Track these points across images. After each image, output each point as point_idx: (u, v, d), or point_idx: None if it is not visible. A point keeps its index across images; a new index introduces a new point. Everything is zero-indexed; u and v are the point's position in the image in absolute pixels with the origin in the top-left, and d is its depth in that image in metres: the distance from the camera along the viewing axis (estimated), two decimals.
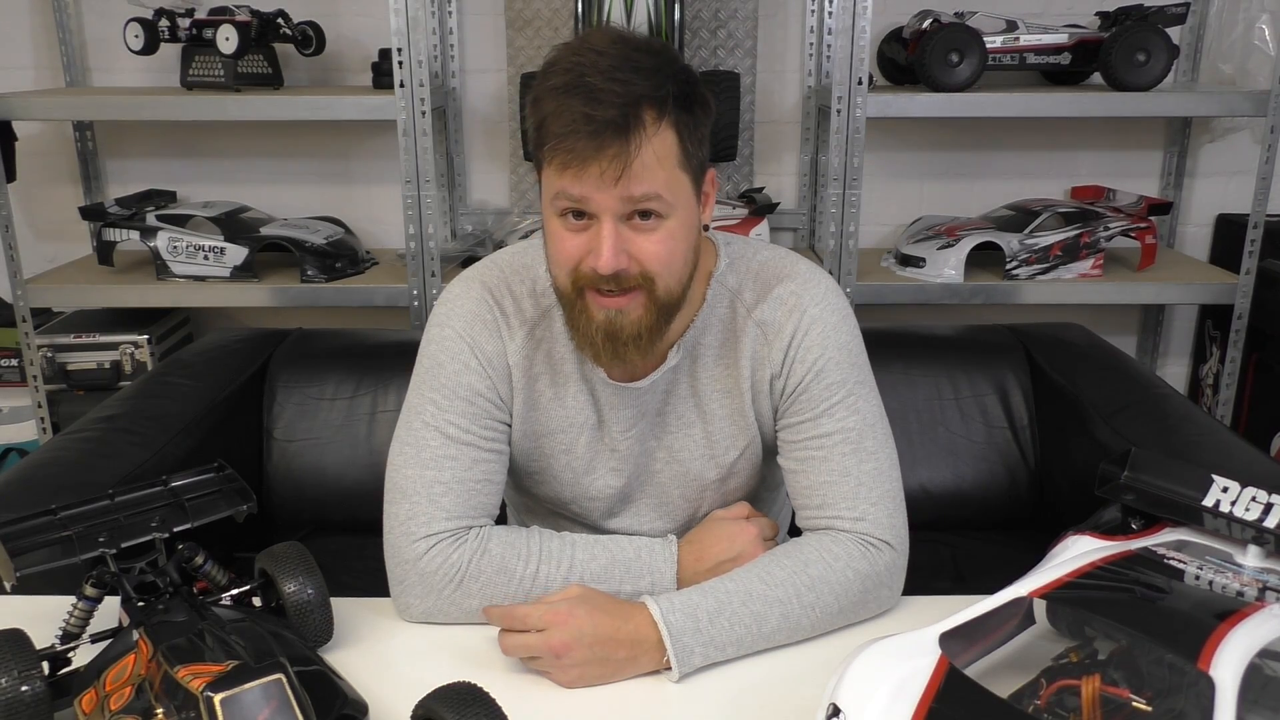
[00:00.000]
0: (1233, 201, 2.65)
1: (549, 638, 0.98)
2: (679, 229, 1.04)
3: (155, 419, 1.65)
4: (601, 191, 0.99)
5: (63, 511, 0.96)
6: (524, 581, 1.08)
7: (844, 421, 1.13)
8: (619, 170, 0.97)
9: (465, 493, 1.11)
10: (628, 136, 0.97)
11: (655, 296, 1.05)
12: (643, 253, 1.03)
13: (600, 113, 0.96)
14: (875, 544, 1.10)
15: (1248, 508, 1.01)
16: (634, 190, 0.99)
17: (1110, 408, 1.70)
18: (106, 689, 0.85)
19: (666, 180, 1.01)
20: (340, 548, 1.46)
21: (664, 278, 1.05)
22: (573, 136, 0.97)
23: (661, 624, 1.00)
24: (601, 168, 0.97)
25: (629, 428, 1.19)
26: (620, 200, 0.99)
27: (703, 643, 1.00)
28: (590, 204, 1.00)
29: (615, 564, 1.09)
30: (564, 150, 0.98)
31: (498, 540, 1.10)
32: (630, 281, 1.03)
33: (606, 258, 1.01)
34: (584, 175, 0.98)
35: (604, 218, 1.01)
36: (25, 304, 2.34)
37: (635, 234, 1.02)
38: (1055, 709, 0.81)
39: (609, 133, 0.96)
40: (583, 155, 0.97)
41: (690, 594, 1.04)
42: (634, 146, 0.97)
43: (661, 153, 1.00)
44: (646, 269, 1.03)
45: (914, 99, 2.24)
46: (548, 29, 2.53)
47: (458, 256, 2.41)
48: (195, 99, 2.30)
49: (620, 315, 1.05)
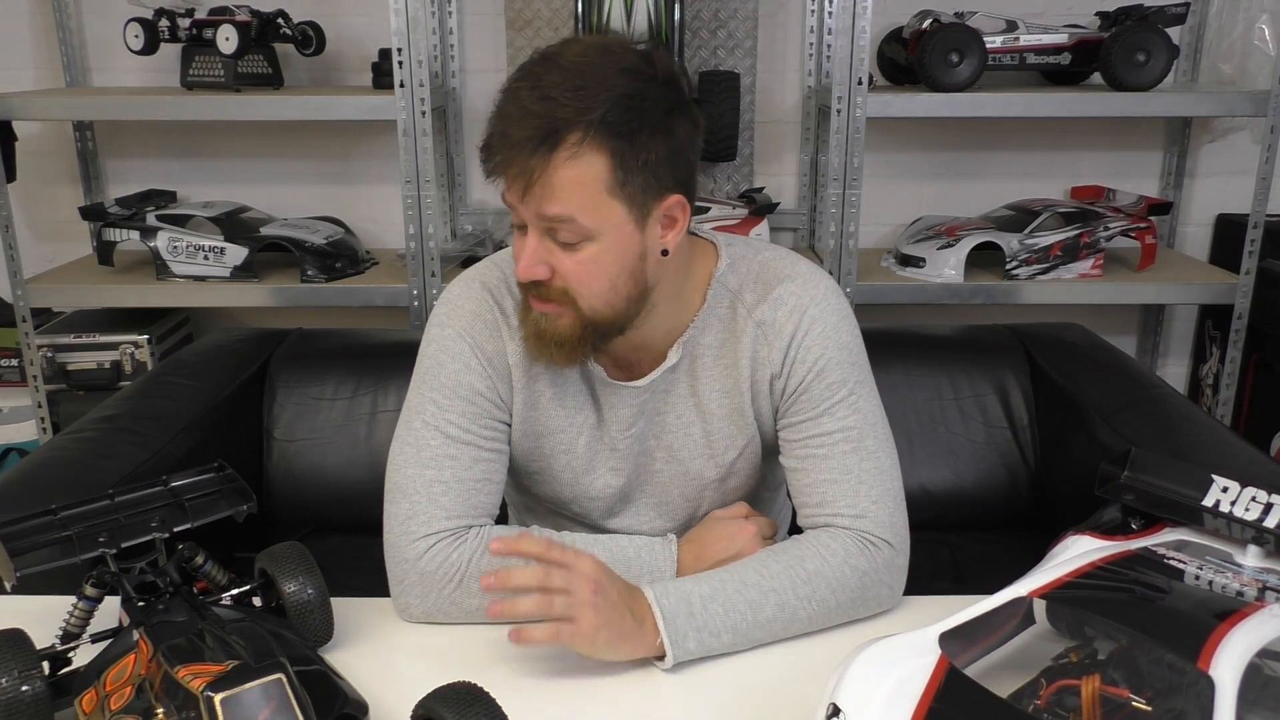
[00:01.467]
0: (1233, 201, 2.65)
1: (585, 571, 0.98)
2: (605, 254, 1.03)
3: (155, 419, 1.65)
4: (521, 205, 1.02)
5: (63, 511, 0.96)
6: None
7: (845, 420, 1.13)
8: (522, 187, 1.00)
9: (465, 492, 1.11)
10: (532, 157, 0.98)
11: (580, 313, 1.06)
12: (562, 268, 1.04)
13: (515, 131, 0.98)
14: (875, 542, 1.10)
15: (1248, 508, 1.01)
16: (544, 209, 1.01)
17: (1110, 408, 1.70)
18: (107, 689, 0.85)
19: (585, 204, 1.00)
20: (340, 548, 1.46)
21: (586, 298, 1.05)
22: (492, 148, 1.01)
23: (655, 607, 1.00)
24: (509, 183, 1.01)
25: (628, 427, 1.19)
26: (534, 215, 1.02)
27: (696, 627, 1.00)
28: (518, 214, 1.04)
29: (615, 562, 1.09)
30: (487, 159, 1.02)
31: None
32: (550, 293, 1.06)
33: (521, 266, 1.04)
34: (503, 185, 1.02)
35: (530, 228, 1.03)
36: (25, 304, 2.34)
37: (558, 249, 1.04)
38: (1055, 709, 0.81)
39: (518, 150, 0.99)
40: (497, 167, 1.01)
41: (684, 581, 1.04)
42: (537, 168, 0.98)
43: (581, 179, 0.99)
44: (566, 286, 1.05)
45: (914, 99, 2.24)
46: (548, 29, 2.53)
47: (458, 256, 2.42)
48: (195, 99, 2.30)
49: (545, 319, 1.08)
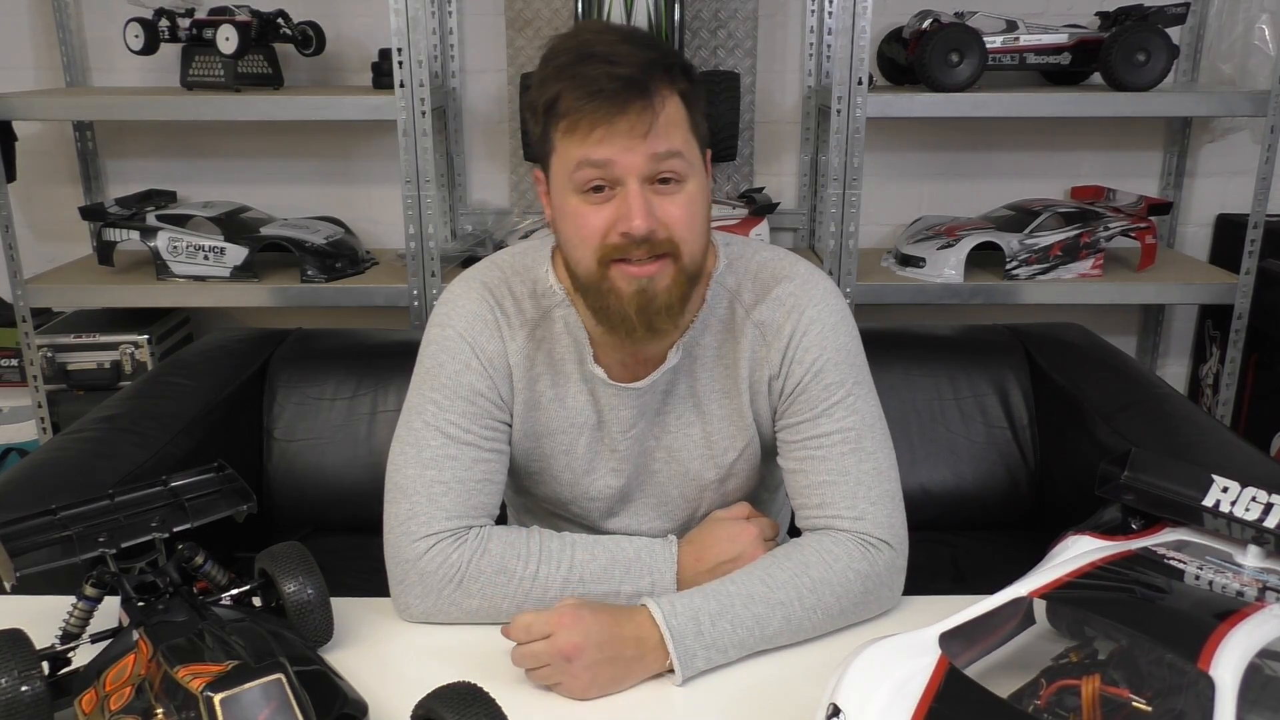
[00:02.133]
0: (1233, 201, 2.65)
1: (556, 641, 0.97)
2: (697, 193, 1.06)
3: (155, 419, 1.65)
4: (629, 152, 1.00)
5: (63, 511, 0.96)
6: (524, 582, 1.08)
7: (843, 421, 1.13)
8: (647, 124, 1.00)
9: (465, 492, 1.11)
10: (649, 91, 1.00)
11: (681, 265, 1.06)
12: (669, 216, 1.04)
13: (622, 71, 0.99)
14: (874, 543, 1.10)
15: (1248, 508, 1.01)
16: (659, 146, 1.01)
17: (1110, 408, 1.70)
18: (106, 689, 0.85)
19: (684, 140, 1.04)
20: (340, 548, 1.46)
21: (689, 243, 1.06)
22: (598, 97, 0.99)
23: (664, 627, 0.99)
24: (630, 122, 1.00)
25: (629, 428, 1.19)
26: (647, 159, 1.01)
27: (705, 645, 1.00)
28: (615, 168, 1.01)
29: (615, 564, 1.09)
30: (590, 112, 1.00)
31: (498, 540, 1.10)
32: (660, 247, 1.04)
33: (639, 219, 1.02)
34: (611, 134, 1.00)
35: (629, 181, 1.02)
36: (25, 304, 2.34)
37: (659, 198, 1.03)
38: (1055, 709, 0.81)
39: (634, 89, 0.99)
40: (610, 113, 0.99)
41: (692, 596, 1.03)
42: (657, 101, 1.00)
43: (675, 116, 1.03)
44: (673, 233, 1.04)
45: (914, 99, 2.24)
46: (548, 29, 2.53)
47: (458, 256, 2.41)
48: (195, 99, 2.30)
49: (651, 283, 1.05)
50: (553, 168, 1.07)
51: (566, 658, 0.97)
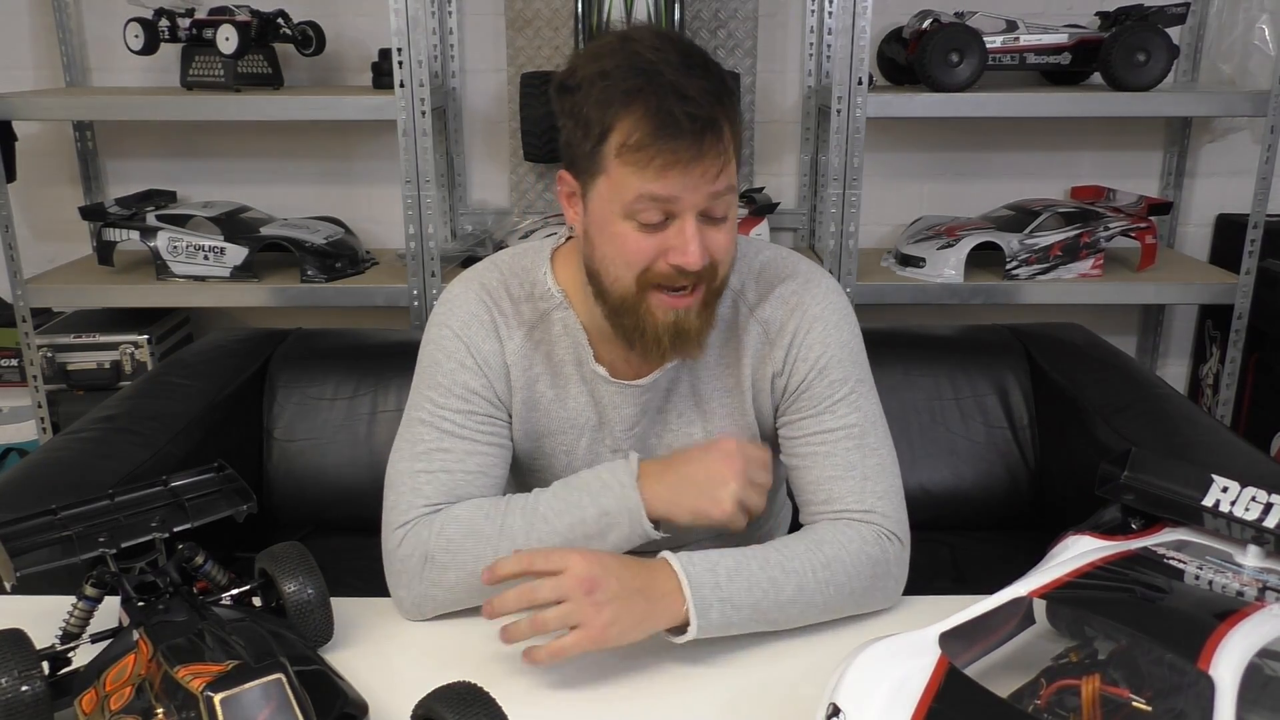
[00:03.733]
0: (1233, 201, 2.65)
1: (576, 572, 0.95)
2: (735, 221, 1.08)
3: (155, 419, 1.65)
4: (695, 191, 1.00)
5: (63, 511, 0.96)
6: (491, 539, 1.06)
7: (846, 418, 1.13)
8: (719, 166, 1.00)
9: (453, 482, 1.11)
10: (721, 131, 0.99)
11: (712, 288, 1.07)
12: (714, 245, 1.04)
13: (699, 112, 0.97)
14: (887, 535, 1.10)
15: (1248, 508, 1.01)
16: (721, 185, 1.01)
17: (1110, 408, 1.70)
18: (106, 689, 0.85)
19: (733, 172, 1.04)
20: (340, 548, 1.46)
21: (725, 265, 1.07)
22: (677, 139, 0.97)
23: (681, 573, 0.99)
24: (705, 166, 0.99)
25: (631, 426, 1.19)
26: (708, 196, 1.01)
27: (720, 599, 0.99)
28: (678, 204, 1.01)
29: (572, 489, 1.08)
30: (667, 152, 0.97)
31: (465, 508, 1.09)
32: (702, 277, 1.05)
33: (695, 256, 1.02)
34: (687, 175, 0.99)
35: (687, 216, 1.01)
36: (25, 304, 2.34)
37: (708, 229, 1.04)
38: (1055, 709, 0.81)
39: (710, 131, 0.98)
40: (687, 157, 0.98)
41: (709, 552, 1.03)
42: (726, 139, 1.00)
43: (731, 146, 1.03)
44: (715, 260, 1.05)
45: (914, 99, 2.24)
46: (548, 29, 2.53)
47: (458, 256, 2.41)
48: (195, 99, 2.30)
49: (686, 315, 1.07)
50: (599, 186, 1.04)
51: (586, 590, 0.94)
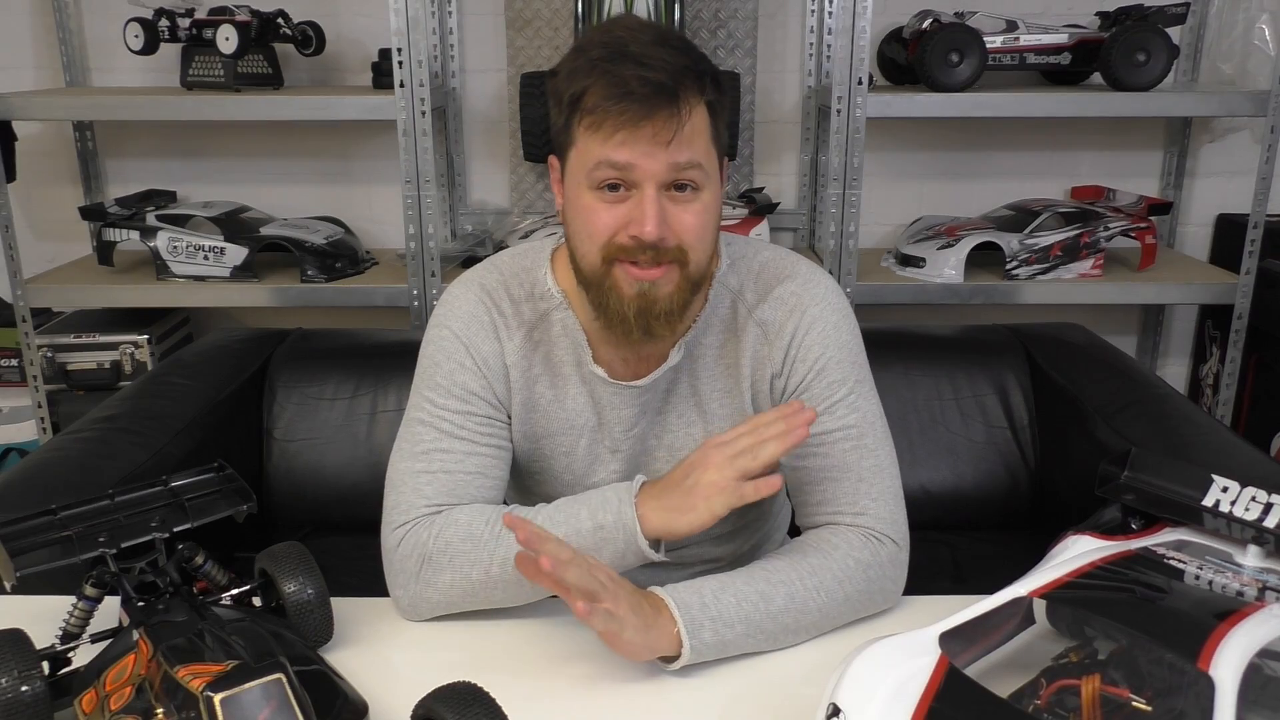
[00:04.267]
0: (1233, 201, 2.65)
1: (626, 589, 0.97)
2: (711, 203, 1.06)
3: (155, 419, 1.65)
4: (650, 157, 1.00)
5: (63, 511, 0.96)
6: (488, 544, 1.05)
7: (844, 419, 1.13)
8: (671, 132, 0.99)
9: (453, 483, 1.11)
10: (678, 100, 0.99)
11: (687, 272, 1.06)
12: (680, 224, 1.04)
13: (653, 75, 0.98)
14: (877, 537, 1.10)
15: (1247, 508, 1.01)
16: (681, 156, 1.01)
17: (1110, 408, 1.70)
18: (106, 689, 0.85)
19: (705, 151, 1.04)
20: (340, 548, 1.46)
21: (697, 251, 1.06)
22: (626, 99, 0.98)
23: (668, 599, 0.99)
24: (655, 129, 0.99)
25: (630, 427, 1.19)
26: (667, 167, 1.01)
27: (711, 617, 0.99)
28: (634, 172, 1.01)
29: (573, 503, 1.08)
30: (615, 113, 0.99)
31: (465, 512, 1.09)
32: (667, 254, 1.04)
33: (651, 225, 1.02)
34: (635, 138, 0.99)
35: (646, 186, 1.02)
36: (25, 304, 2.34)
37: (673, 205, 1.04)
38: (1055, 709, 0.81)
39: (662, 96, 0.99)
40: (636, 118, 0.99)
41: (691, 580, 1.03)
42: (684, 111, 1.00)
43: (700, 126, 1.03)
44: (683, 241, 1.05)
45: (914, 99, 2.24)
46: (548, 29, 2.53)
47: (458, 256, 2.42)
48: (195, 99, 2.30)
49: (653, 288, 1.06)
50: (570, 160, 1.07)
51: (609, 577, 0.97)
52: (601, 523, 1.05)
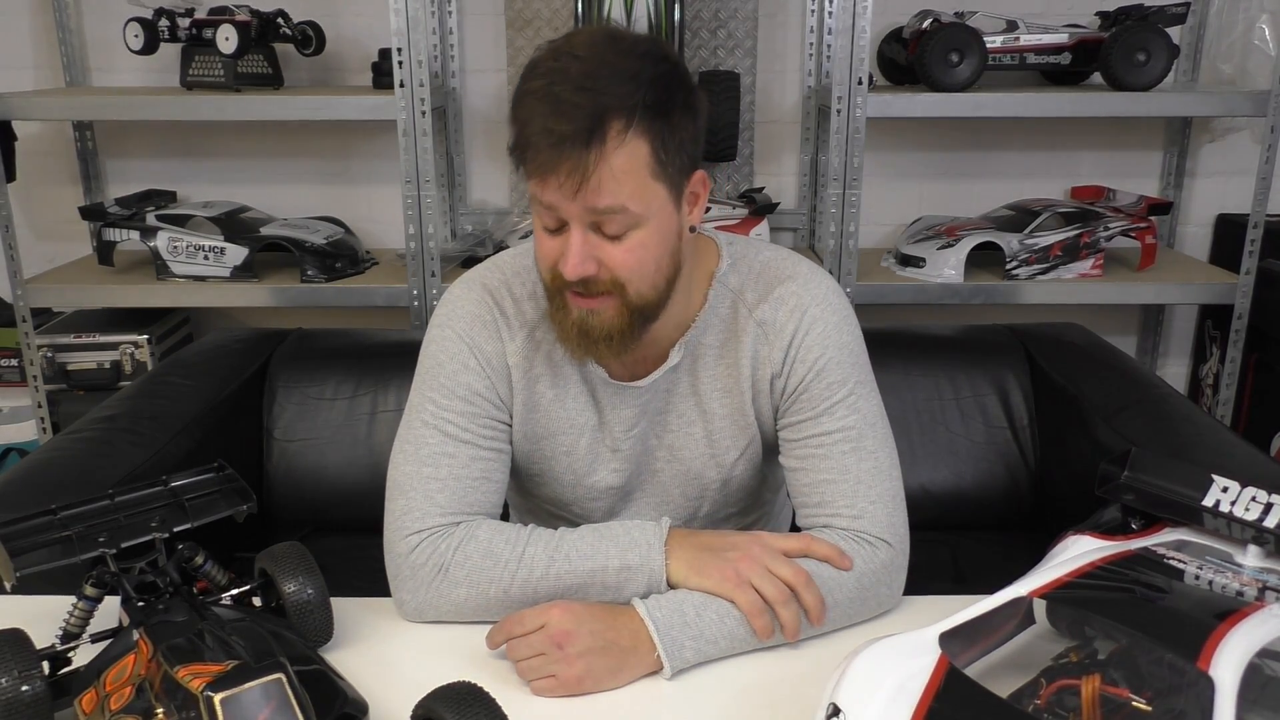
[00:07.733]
0: (1233, 201, 2.65)
1: (549, 628, 0.97)
2: (650, 237, 1.04)
3: (155, 419, 1.65)
4: (565, 201, 1.00)
5: (63, 511, 0.96)
6: (509, 564, 1.06)
7: (844, 420, 1.13)
8: (577, 183, 0.98)
9: (462, 490, 1.11)
10: (586, 150, 0.97)
11: (627, 301, 1.06)
12: (612, 260, 1.03)
13: (560, 126, 0.97)
14: (872, 541, 1.09)
15: (1248, 508, 1.01)
16: (595, 203, 0.99)
17: (1110, 408, 1.70)
18: (106, 689, 0.85)
19: (635, 191, 1.00)
20: (340, 548, 1.46)
21: (634, 284, 1.05)
22: (534, 147, 0.99)
23: (647, 619, 0.99)
24: (560, 180, 0.98)
25: (630, 427, 1.19)
26: (584, 210, 1.00)
27: (692, 636, 1.00)
28: (559, 211, 1.02)
29: (602, 539, 1.07)
30: (529, 160, 1.00)
31: (486, 528, 1.09)
32: (600, 287, 1.05)
33: (571, 265, 1.02)
34: (546, 185, 1.00)
35: (573, 225, 1.02)
36: (25, 304, 2.34)
37: (604, 241, 1.03)
38: (1055, 709, 0.81)
39: (567, 146, 0.97)
40: (544, 166, 0.99)
41: (677, 593, 1.03)
42: (593, 160, 0.97)
43: (629, 165, 0.99)
44: (616, 275, 1.04)
45: (914, 99, 2.24)
46: (548, 29, 2.53)
47: (458, 256, 2.42)
48: (195, 99, 2.30)
49: (592, 315, 1.06)
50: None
51: (558, 644, 0.96)
52: (629, 564, 1.05)
